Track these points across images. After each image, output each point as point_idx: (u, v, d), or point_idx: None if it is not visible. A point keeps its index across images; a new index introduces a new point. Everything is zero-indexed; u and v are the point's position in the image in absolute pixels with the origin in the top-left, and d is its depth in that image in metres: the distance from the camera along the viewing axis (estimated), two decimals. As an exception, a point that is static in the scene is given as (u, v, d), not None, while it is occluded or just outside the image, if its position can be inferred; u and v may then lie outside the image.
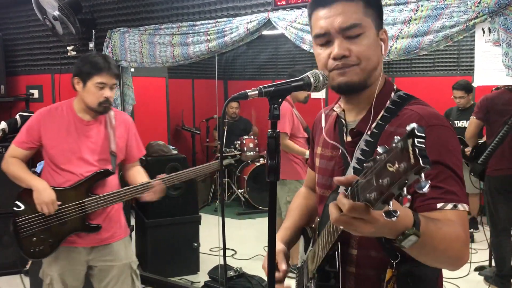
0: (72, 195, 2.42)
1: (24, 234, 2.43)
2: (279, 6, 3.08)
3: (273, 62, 7.48)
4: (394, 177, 0.78)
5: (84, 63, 2.43)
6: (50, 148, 2.46)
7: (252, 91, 1.13)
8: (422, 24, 2.52)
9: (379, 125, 1.23)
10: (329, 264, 1.24)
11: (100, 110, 2.46)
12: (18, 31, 4.91)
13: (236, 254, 4.71)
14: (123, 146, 2.58)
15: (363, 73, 1.21)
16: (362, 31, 1.19)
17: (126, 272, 2.62)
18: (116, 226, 2.59)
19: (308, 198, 1.65)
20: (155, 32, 3.70)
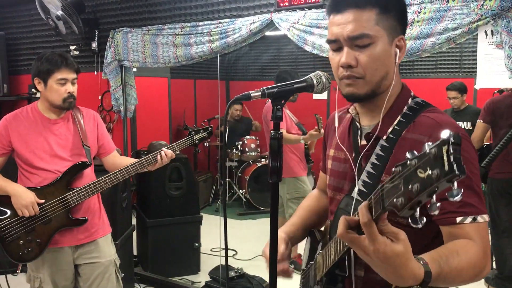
0: (52, 192, 2.41)
1: (9, 238, 2.40)
2: (282, 7, 3.09)
3: (275, 63, 7.49)
4: (425, 183, 0.77)
5: (41, 62, 2.42)
6: (22, 150, 2.44)
7: (255, 92, 1.13)
8: (425, 26, 2.52)
9: (395, 131, 1.23)
10: (339, 268, 1.25)
11: (65, 106, 2.45)
12: (21, 30, 4.92)
13: (237, 254, 4.71)
14: (94, 140, 2.59)
15: (369, 86, 1.20)
16: (371, 41, 1.17)
17: (111, 269, 2.63)
18: (99, 222, 2.60)
19: (319, 200, 1.65)
20: (158, 32, 3.71)
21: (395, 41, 1.21)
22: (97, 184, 2.42)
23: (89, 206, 2.53)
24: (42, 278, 2.49)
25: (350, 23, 1.17)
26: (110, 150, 2.67)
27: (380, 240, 0.90)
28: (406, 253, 0.92)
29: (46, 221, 2.40)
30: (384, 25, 1.18)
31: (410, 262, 0.93)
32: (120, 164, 2.57)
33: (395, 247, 0.91)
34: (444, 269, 1.00)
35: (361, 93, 1.21)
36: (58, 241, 2.47)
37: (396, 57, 1.21)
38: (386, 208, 0.87)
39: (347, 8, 1.18)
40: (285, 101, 1.15)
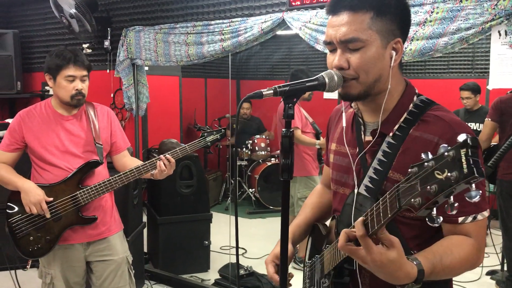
0: (63, 189, 2.41)
1: (20, 235, 2.42)
2: (294, 6, 3.09)
3: (286, 62, 7.48)
4: (443, 185, 0.81)
5: (51, 58, 2.42)
6: (34, 146, 2.45)
7: (267, 90, 1.14)
8: (437, 26, 2.51)
9: (402, 128, 1.25)
10: (348, 263, 1.27)
11: (73, 103, 2.45)
12: (34, 28, 4.98)
13: (246, 253, 4.72)
14: (107, 137, 2.58)
15: (362, 87, 1.22)
16: (362, 45, 1.18)
17: (123, 266, 2.63)
18: (111, 220, 2.60)
19: (322, 196, 1.68)
20: (170, 31, 3.73)
21: (390, 44, 1.22)
22: (108, 183, 2.41)
23: (100, 203, 2.54)
24: (53, 274, 2.51)
25: (343, 26, 1.19)
26: (121, 149, 2.65)
27: (375, 250, 1.02)
28: (400, 258, 1.03)
29: (56, 218, 2.41)
30: (378, 29, 1.19)
31: (403, 266, 1.04)
32: (128, 165, 2.56)
33: (389, 255, 1.02)
34: (437, 267, 1.10)
35: (354, 93, 1.24)
36: (69, 238, 2.48)
37: (392, 60, 1.22)
38: (402, 207, 0.91)
39: (342, 10, 1.20)
40: (297, 100, 1.16)
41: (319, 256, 1.44)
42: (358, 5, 1.18)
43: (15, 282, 3.27)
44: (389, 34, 1.21)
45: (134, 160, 2.65)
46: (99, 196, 2.45)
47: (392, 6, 1.20)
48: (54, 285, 2.52)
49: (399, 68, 1.29)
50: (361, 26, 1.18)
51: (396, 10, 1.21)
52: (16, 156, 2.51)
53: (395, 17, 1.21)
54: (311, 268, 1.49)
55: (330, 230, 1.44)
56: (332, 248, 1.31)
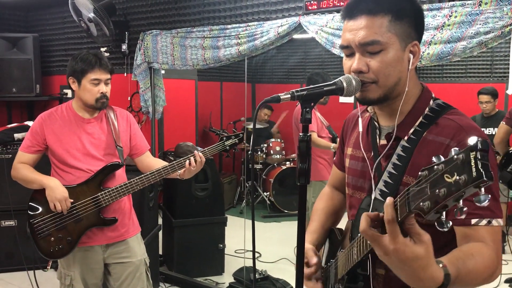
0: (84, 191, 2.44)
1: (41, 235, 2.44)
2: (310, 10, 3.09)
3: (302, 66, 7.47)
4: (452, 188, 0.79)
5: (76, 62, 2.45)
6: (56, 148, 2.48)
7: (284, 94, 1.14)
8: (456, 30, 2.49)
9: (417, 131, 1.24)
10: (361, 268, 1.26)
11: (98, 106, 2.48)
12: (54, 32, 5.05)
13: (261, 256, 4.72)
14: (127, 140, 2.61)
15: (382, 90, 1.22)
16: (382, 48, 1.18)
17: (141, 268, 2.65)
18: (130, 222, 2.62)
19: (333, 199, 1.66)
20: (187, 35, 3.75)
21: (408, 47, 1.21)
22: (129, 185, 2.44)
23: (119, 206, 2.56)
24: (73, 276, 2.52)
25: (362, 29, 1.19)
26: (142, 150, 2.68)
27: (400, 240, 0.92)
28: (427, 257, 0.92)
29: (77, 219, 2.44)
30: (396, 32, 1.19)
31: (429, 266, 0.93)
32: (152, 165, 2.59)
33: (416, 249, 0.92)
34: (462, 271, 1.01)
35: (374, 97, 1.23)
36: (89, 240, 2.50)
37: (410, 63, 1.22)
38: (412, 211, 0.89)
39: (360, 15, 1.20)
40: (315, 104, 1.16)
41: (333, 261, 1.43)
42: (376, 8, 1.18)
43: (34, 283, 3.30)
44: (407, 37, 1.21)
45: (158, 161, 2.67)
46: (120, 198, 2.47)
47: (408, 9, 1.21)
48: (74, 287, 2.53)
49: (415, 71, 1.28)
50: (380, 29, 1.18)
51: (412, 13, 1.22)
52: (36, 158, 2.54)
53: (411, 20, 1.21)
54: (326, 273, 1.49)
55: (345, 235, 1.43)
56: (346, 251, 1.30)
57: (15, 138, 4.40)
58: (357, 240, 1.20)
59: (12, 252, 4.35)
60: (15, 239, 4.29)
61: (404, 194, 0.92)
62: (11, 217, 4.30)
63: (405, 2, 1.21)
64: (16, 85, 4.73)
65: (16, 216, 4.31)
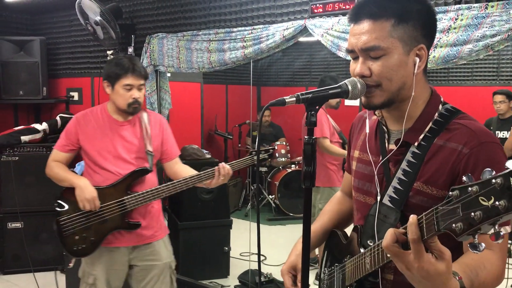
0: (112, 193, 2.47)
1: (66, 233, 2.49)
2: (316, 13, 3.09)
3: (307, 69, 7.47)
4: (489, 213, 0.78)
5: (110, 66, 2.50)
6: (88, 149, 2.53)
7: (289, 97, 1.14)
8: (462, 33, 2.48)
9: (427, 138, 1.23)
10: (372, 276, 1.25)
11: (130, 111, 2.52)
12: (61, 35, 5.08)
13: (266, 259, 4.71)
14: (158, 145, 2.63)
15: (386, 95, 1.21)
16: (383, 53, 1.18)
17: (165, 271, 2.66)
18: (157, 226, 2.64)
19: (342, 203, 1.66)
20: (193, 38, 3.76)
21: (414, 51, 1.20)
22: (155, 192, 2.46)
23: (147, 209, 2.57)
24: (97, 276, 2.55)
25: (364, 34, 1.19)
26: (172, 156, 2.70)
27: (425, 259, 0.93)
28: (448, 272, 0.95)
29: (102, 221, 2.47)
30: (400, 36, 1.18)
31: (448, 281, 0.96)
32: (180, 172, 2.63)
33: (438, 266, 0.93)
34: (475, 283, 1.03)
35: (378, 102, 1.23)
36: (116, 241, 2.53)
37: (415, 67, 1.20)
38: (440, 231, 0.88)
39: (363, 19, 1.20)
40: (319, 107, 1.16)
41: (340, 266, 1.42)
42: (379, 13, 1.18)
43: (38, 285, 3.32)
44: (412, 40, 1.19)
45: (186, 169, 2.69)
46: (145, 204, 2.50)
47: (414, 12, 1.19)
48: (96, 286, 2.55)
49: (424, 75, 1.27)
50: (382, 34, 1.17)
51: (419, 16, 1.20)
52: (70, 157, 2.60)
53: (418, 23, 1.19)
54: (330, 277, 1.48)
55: (351, 240, 1.42)
56: (357, 261, 1.28)
57: (22, 141, 4.43)
58: (371, 251, 1.19)
59: (18, 254, 4.37)
60: (22, 241, 4.32)
61: (432, 212, 0.91)
62: (17, 219, 4.32)
63: (411, 5, 1.19)
64: (23, 88, 4.75)
65: (23, 218, 4.34)
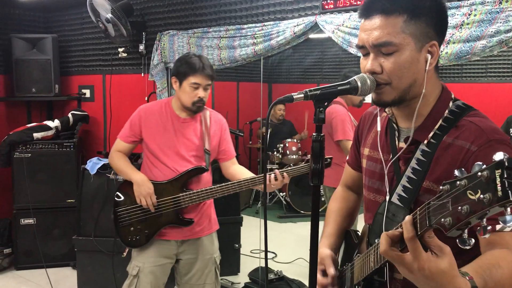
0: (168, 189, 2.52)
1: (122, 223, 2.56)
2: (327, 9, 3.07)
3: (319, 65, 7.43)
4: (476, 206, 0.76)
5: (181, 63, 2.53)
6: (149, 142, 2.58)
7: (297, 94, 1.13)
8: (475, 29, 2.44)
9: (436, 135, 1.21)
10: (378, 274, 1.24)
11: (193, 109, 2.55)
12: (72, 32, 5.11)
13: (277, 257, 4.70)
14: (216, 145, 2.67)
15: (396, 92, 1.20)
16: (395, 49, 1.16)
17: (210, 266, 2.70)
18: (206, 221, 2.68)
19: (347, 200, 1.64)
20: (203, 35, 3.76)
21: (426, 47, 1.18)
22: (209, 191, 2.50)
23: (199, 206, 2.61)
24: (141, 268, 2.59)
25: (375, 29, 1.17)
26: (229, 156, 2.74)
27: (424, 257, 0.90)
28: (452, 269, 0.91)
29: (157, 215, 2.52)
30: (412, 32, 1.16)
31: (455, 279, 0.91)
32: (235, 173, 2.66)
33: (440, 263, 0.90)
34: (489, 283, 0.97)
35: (388, 99, 1.21)
36: (167, 234, 2.58)
37: (427, 63, 1.18)
38: (432, 226, 0.87)
39: (374, 14, 1.18)
40: (328, 104, 1.15)
41: (350, 264, 1.41)
42: (391, 8, 1.15)
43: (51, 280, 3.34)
44: (424, 37, 1.17)
45: (242, 170, 2.71)
46: (199, 202, 2.54)
47: (426, 8, 1.17)
48: (139, 279, 2.59)
49: (435, 71, 1.25)
50: (394, 29, 1.15)
51: (431, 12, 1.18)
52: (132, 148, 2.66)
53: (430, 19, 1.17)
54: (341, 275, 1.47)
55: (361, 239, 1.41)
56: (363, 258, 1.28)
57: (34, 138, 4.47)
58: (374, 248, 1.18)
59: (31, 250, 4.42)
60: (34, 237, 4.36)
61: (425, 207, 0.89)
62: (30, 216, 4.37)
63: (424, 0, 1.17)
64: (35, 85, 4.78)
65: (35, 214, 4.38)
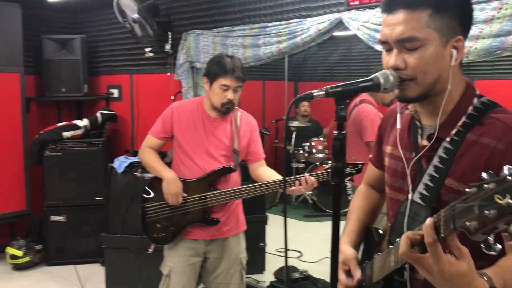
0: (196, 187, 2.53)
1: (149, 219, 2.58)
2: (352, 6, 3.03)
3: (345, 62, 7.37)
4: (504, 211, 0.74)
5: (212, 64, 2.54)
6: (180, 140, 2.59)
7: (318, 91, 1.12)
8: (506, 23, 2.37)
9: (459, 132, 1.17)
10: (398, 274, 1.21)
11: (222, 110, 2.55)
12: (100, 33, 5.19)
13: (302, 256, 4.68)
14: (245, 146, 2.66)
15: (420, 88, 1.16)
16: (420, 44, 1.13)
17: (235, 266, 2.70)
18: (234, 221, 2.68)
19: (369, 197, 1.62)
20: (228, 34, 3.77)
21: (451, 42, 1.14)
22: (236, 192, 2.50)
23: (226, 205, 2.61)
24: (172, 267, 2.62)
25: (399, 24, 1.13)
26: (258, 158, 2.72)
27: (444, 260, 0.90)
28: (471, 271, 0.91)
29: (184, 213, 2.54)
30: (437, 27, 1.12)
31: (474, 281, 0.92)
32: (263, 175, 2.64)
33: (460, 266, 0.90)
34: (509, 285, 0.97)
35: (412, 96, 1.18)
36: (194, 233, 2.59)
37: (453, 59, 1.15)
38: (456, 229, 0.85)
39: (398, 8, 1.14)
40: (350, 101, 1.13)
41: (369, 263, 1.39)
42: (415, 2, 1.13)
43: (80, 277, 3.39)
44: (450, 31, 1.14)
45: (270, 172, 2.70)
46: (226, 202, 2.55)
47: (452, 2, 1.14)
48: (171, 278, 2.62)
49: (460, 67, 1.21)
50: (419, 24, 1.12)
51: (457, 6, 1.14)
52: (162, 144, 2.69)
53: (455, 14, 1.14)
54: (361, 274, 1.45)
55: (382, 238, 1.39)
56: (383, 258, 1.25)
57: (63, 137, 4.57)
58: (394, 248, 1.16)
59: (61, 246, 4.52)
60: (64, 234, 4.46)
61: (450, 209, 0.87)
62: (60, 213, 4.47)
63: None
64: (65, 85, 4.88)
65: (65, 211, 4.48)
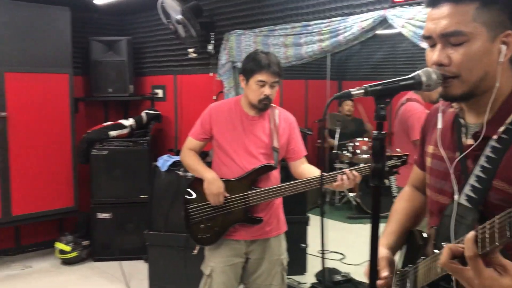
0: (237, 186, 2.53)
1: (193, 221, 2.59)
2: (397, 3, 2.95)
3: (390, 61, 7.19)
4: None
5: (248, 61, 2.54)
6: (219, 139, 2.60)
7: (356, 90, 1.09)
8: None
9: (508, 130, 1.11)
10: (445, 281, 1.16)
11: (260, 106, 2.55)
12: (145, 35, 5.31)
13: (345, 258, 4.61)
14: (284, 143, 2.63)
15: (465, 86, 1.11)
16: (466, 39, 1.07)
17: (276, 267, 2.68)
18: (275, 221, 2.66)
19: (413, 200, 1.55)
20: (270, 33, 3.76)
21: (500, 37, 1.08)
22: (278, 190, 2.48)
23: (268, 204, 2.61)
24: (214, 267, 2.63)
25: (444, 18, 1.08)
26: (298, 156, 2.69)
27: (486, 275, 0.87)
28: None
29: (226, 213, 2.54)
30: (484, 21, 1.06)
31: None
32: (304, 173, 2.61)
33: (502, 282, 0.87)
34: None
35: (456, 94, 1.12)
36: (237, 233, 2.59)
37: (501, 55, 1.08)
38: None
39: (443, 2, 1.09)
40: (390, 100, 1.09)
41: (413, 267, 1.33)
42: None
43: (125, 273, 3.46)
44: (498, 26, 1.08)
45: (311, 169, 2.66)
46: (268, 200, 2.54)
47: None
48: (212, 278, 2.63)
49: (510, 63, 1.14)
50: (465, 18, 1.07)
51: None
52: (202, 145, 2.71)
53: (505, 7, 1.08)
54: (402, 278, 1.40)
55: (427, 241, 1.33)
56: (429, 263, 1.20)
57: (110, 136, 4.70)
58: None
59: (107, 242, 4.65)
60: (110, 231, 4.59)
61: (506, 216, 0.82)
62: (106, 210, 4.59)
63: None
64: (112, 85, 5.02)
65: (111, 208, 4.60)
